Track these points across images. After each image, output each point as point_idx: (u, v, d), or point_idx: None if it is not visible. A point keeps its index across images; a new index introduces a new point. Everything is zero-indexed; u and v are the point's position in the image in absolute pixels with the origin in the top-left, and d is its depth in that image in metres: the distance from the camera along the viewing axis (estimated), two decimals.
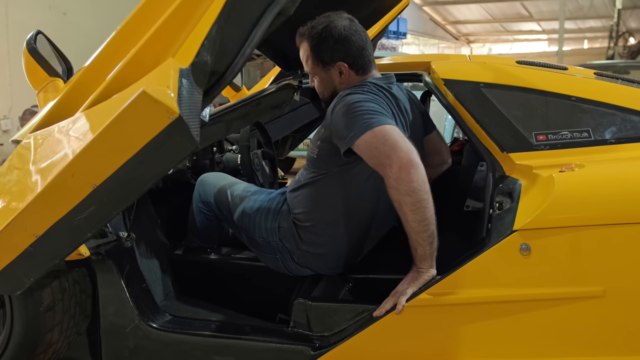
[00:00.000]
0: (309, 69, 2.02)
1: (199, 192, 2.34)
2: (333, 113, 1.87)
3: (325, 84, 2.02)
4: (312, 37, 1.94)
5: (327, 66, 1.97)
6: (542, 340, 1.63)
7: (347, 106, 1.82)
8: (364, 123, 1.73)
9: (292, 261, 2.12)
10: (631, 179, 1.63)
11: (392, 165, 1.64)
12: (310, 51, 1.96)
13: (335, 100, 1.91)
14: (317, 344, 1.85)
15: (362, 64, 1.98)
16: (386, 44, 15.25)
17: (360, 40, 1.97)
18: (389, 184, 1.66)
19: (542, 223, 1.58)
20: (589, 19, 19.36)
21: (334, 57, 1.95)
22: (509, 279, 1.63)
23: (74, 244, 1.56)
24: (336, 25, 1.93)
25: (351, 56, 1.95)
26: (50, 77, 1.98)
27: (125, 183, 1.42)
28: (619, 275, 1.58)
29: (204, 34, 1.37)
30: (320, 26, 1.93)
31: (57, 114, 1.72)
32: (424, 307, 1.69)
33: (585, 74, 2.18)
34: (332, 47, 1.93)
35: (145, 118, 1.28)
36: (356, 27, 1.97)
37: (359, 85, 1.94)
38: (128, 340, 2.00)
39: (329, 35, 1.92)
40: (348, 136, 1.76)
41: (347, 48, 1.94)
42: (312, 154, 2.02)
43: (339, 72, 1.97)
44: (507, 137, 1.85)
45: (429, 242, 1.71)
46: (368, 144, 1.71)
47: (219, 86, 1.47)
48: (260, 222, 2.13)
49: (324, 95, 2.07)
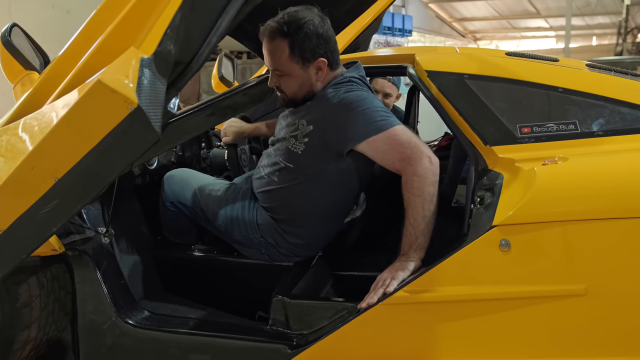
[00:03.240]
0: (283, 67, 1.90)
1: (166, 191, 2.26)
2: (330, 111, 1.85)
3: (301, 82, 1.92)
4: (292, 33, 1.85)
5: (307, 63, 1.89)
6: (522, 340, 1.58)
7: (351, 104, 1.82)
8: (376, 123, 1.78)
9: (279, 253, 2.11)
10: (616, 172, 1.57)
11: (421, 159, 1.73)
12: (290, 48, 1.86)
13: (322, 98, 1.88)
14: (294, 342, 1.81)
15: (337, 58, 1.95)
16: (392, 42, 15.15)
17: (333, 35, 1.92)
18: (416, 171, 1.73)
19: (522, 218, 1.53)
20: (597, 15, 19.19)
21: (316, 54, 1.88)
22: (488, 276, 1.58)
23: (40, 238, 1.53)
24: (314, 21, 1.86)
25: (330, 51, 1.91)
26: (26, 70, 1.95)
27: (88, 176, 1.38)
28: (602, 273, 1.52)
29: (167, 22, 1.33)
30: (301, 22, 1.85)
31: (28, 107, 1.68)
32: (401, 304, 1.64)
33: (576, 66, 2.12)
34: (315, 44, 1.86)
35: (103, 109, 1.24)
36: (328, 22, 1.91)
37: (345, 82, 1.91)
38: (105, 337, 1.96)
39: (313, 31, 1.85)
40: (356, 136, 1.80)
41: (328, 42, 1.89)
42: (292, 148, 1.96)
43: (316, 70, 1.90)
44: (490, 129, 1.80)
45: (430, 233, 1.77)
46: (386, 143, 1.78)
47: (185, 76, 1.43)
48: (238, 221, 2.10)
49: (297, 95, 1.95)
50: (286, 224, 2.05)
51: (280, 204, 2.04)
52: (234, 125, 2.41)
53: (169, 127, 2.05)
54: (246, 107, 2.05)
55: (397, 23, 14.00)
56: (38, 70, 1.97)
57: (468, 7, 19.89)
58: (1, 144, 1.64)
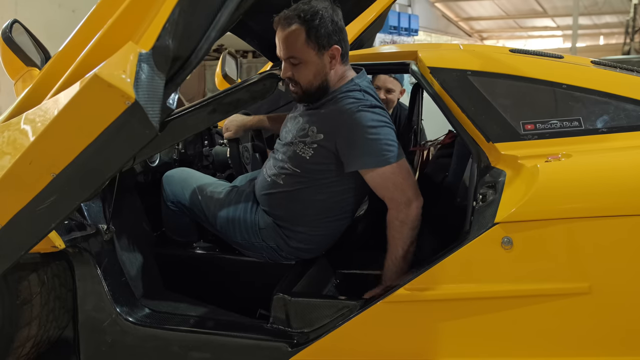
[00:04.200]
0: (299, 52, 1.88)
1: (166, 191, 2.26)
2: (343, 127, 1.85)
3: (317, 70, 1.90)
4: (307, 19, 1.84)
5: (322, 50, 1.88)
6: (524, 339, 1.56)
7: (364, 128, 1.82)
8: (384, 155, 1.81)
9: (280, 256, 2.11)
10: (620, 169, 1.55)
11: (408, 204, 1.81)
12: (307, 34, 1.85)
13: (335, 107, 1.88)
14: (295, 340, 1.80)
15: (347, 51, 1.97)
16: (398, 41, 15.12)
17: (344, 27, 1.93)
18: (398, 216, 1.82)
19: (524, 215, 1.51)
20: (604, 15, 19.07)
21: (331, 40, 1.88)
22: (490, 274, 1.56)
23: (39, 235, 1.52)
24: (327, 8, 1.87)
25: (344, 40, 1.92)
26: (27, 67, 1.94)
27: (87, 171, 1.37)
28: (606, 271, 1.51)
29: (165, 17, 1.31)
30: (315, 9, 1.85)
31: (29, 102, 1.68)
32: (402, 302, 1.63)
33: (581, 62, 2.09)
34: (331, 30, 1.87)
35: (101, 103, 1.23)
36: (340, 13, 1.92)
37: (358, 93, 1.90)
38: (106, 335, 1.96)
39: (327, 17, 1.85)
40: (362, 161, 1.84)
41: (341, 31, 1.91)
42: (300, 153, 1.95)
43: (330, 58, 1.90)
44: (493, 126, 1.78)
45: (408, 268, 1.84)
46: (384, 177, 1.82)
47: (184, 71, 1.42)
48: (240, 225, 2.10)
49: (311, 85, 1.92)
50: (289, 228, 2.05)
51: (283, 208, 2.05)
52: (235, 120, 2.40)
53: (171, 124, 2.04)
54: (248, 103, 2.03)
55: (403, 22, 13.95)
56: (39, 66, 1.96)
57: (475, 7, 19.81)
58: (2, 139, 1.63)
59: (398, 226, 1.83)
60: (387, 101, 3.07)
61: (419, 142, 3.01)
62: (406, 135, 2.96)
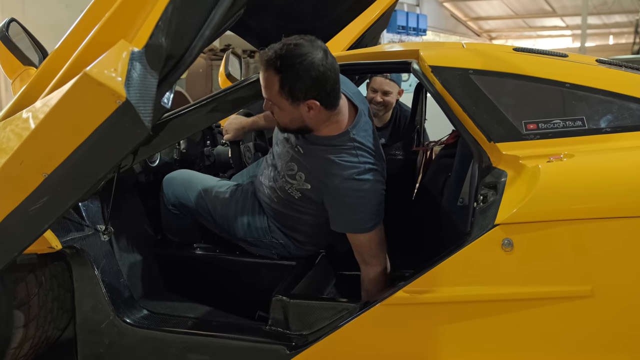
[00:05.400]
0: (272, 98, 1.76)
1: (167, 193, 2.24)
2: (328, 188, 1.83)
3: (292, 117, 1.79)
4: (284, 70, 1.68)
5: (296, 102, 1.74)
6: (524, 343, 1.53)
7: (350, 199, 1.81)
8: (365, 225, 1.84)
9: (288, 252, 2.15)
10: (623, 170, 1.52)
11: (378, 267, 1.90)
12: (280, 84, 1.71)
13: (327, 168, 1.83)
14: (293, 343, 1.78)
15: (333, 100, 1.78)
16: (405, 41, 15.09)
17: (334, 75, 1.74)
18: (365, 278, 1.92)
19: (525, 217, 1.48)
20: (614, 14, 18.91)
21: (308, 95, 1.72)
22: (490, 276, 1.53)
23: (32, 235, 1.50)
24: (313, 60, 1.67)
25: (325, 94, 1.74)
26: (24, 66, 1.93)
27: (79, 171, 1.35)
28: (609, 273, 1.47)
29: (158, 14, 1.29)
30: (296, 59, 1.67)
31: (25, 101, 1.66)
32: (401, 305, 1.60)
33: (585, 61, 2.06)
34: (309, 85, 1.70)
35: (91, 103, 1.21)
36: (331, 59, 1.72)
37: (351, 152, 1.82)
38: (103, 336, 1.94)
39: (306, 73, 1.67)
40: (344, 226, 1.89)
41: (323, 86, 1.71)
42: (289, 190, 1.96)
43: (308, 109, 1.75)
44: (495, 126, 1.74)
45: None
46: (361, 243, 1.88)
47: (178, 70, 1.40)
48: (249, 224, 2.13)
49: (288, 127, 1.85)
50: (291, 230, 2.09)
51: (282, 218, 2.07)
52: (234, 122, 2.39)
53: (171, 123, 2.03)
54: (249, 101, 2.01)
55: (411, 22, 13.91)
56: (36, 65, 1.95)
57: (483, 6, 19.70)
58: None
59: (366, 282, 1.92)
60: (385, 103, 3.04)
61: (422, 142, 2.98)
62: (409, 135, 2.93)
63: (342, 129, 1.84)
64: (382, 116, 3.13)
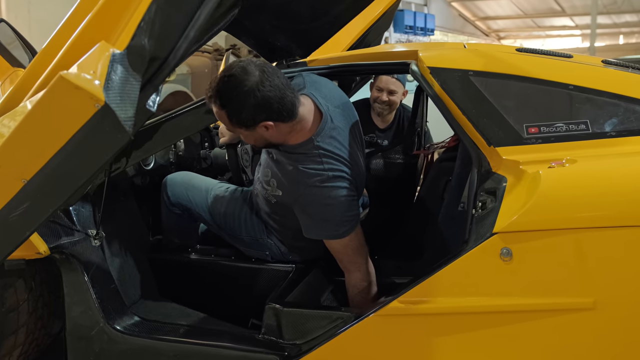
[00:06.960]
0: (231, 129, 1.82)
1: (168, 194, 2.23)
2: (296, 195, 1.82)
3: (255, 139, 1.82)
4: (226, 105, 1.69)
5: (251, 127, 1.74)
6: (524, 357, 1.47)
7: (318, 207, 1.80)
8: (336, 231, 1.82)
9: (281, 255, 2.13)
10: (628, 176, 1.45)
11: (358, 273, 1.88)
12: (229, 118, 1.72)
13: (294, 175, 1.82)
14: (286, 353, 1.73)
15: (287, 112, 1.74)
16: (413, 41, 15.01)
17: (277, 91, 1.69)
18: (349, 284, 1.91)
19: (525, 225, 1.42)
20: (624, 14, 18.74)
21: (257, 120, 1.71)
22: (487, 287, 1.47)
23: (14, 242, 1.45)
24: (249, 87, 1.65)
25: (274, 112, 1.71)
26: (13, 67, 1.89)
27: (59, 177, 1.30)
28: (612, 285, 1.41)
29: (141, 15, 1.24)
30: (232, 92, 1.66)
31: (10, 104, 1.62)
32: (396, 316, 1.54)
33: (590, 62, 1.99)
34: (253, 113, 1.69)
35: (69, 107, 1.17)
36: (269, 77, 1.68)
37: (316, 158, 1.79)
38: (93, 343, 1.90)
39: (246, 102, 1.66)
40: (316, 233, 1.87)
41: (268, 107, 1.69)
42: (266, 196, 1.97)
43: (265, 128, 1.74)
44: (495, 129, 1.68)
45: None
46: (334, 248, 1.87)
47: (162, 72, 1.35)
48: (247, 222, 2.12)
49: (256, 146, 1.95)
50: (279, 233, 2.09)
51: (271, 220, 2.06)
52: None
53: (164, 125, 1.98)
54: None
55: (419, 22, 13.84)
56: (25, 66, 1.91)
57: (492, 6, 19.58)
58: None
59: (349, 289, 1.91)
60: (390, 103, 2.97)
61: (422, 144, 2.92)
62: (410, 138, 2.87)
63: (306, 136, 1.82)
64: (386, 116, 3.06)
